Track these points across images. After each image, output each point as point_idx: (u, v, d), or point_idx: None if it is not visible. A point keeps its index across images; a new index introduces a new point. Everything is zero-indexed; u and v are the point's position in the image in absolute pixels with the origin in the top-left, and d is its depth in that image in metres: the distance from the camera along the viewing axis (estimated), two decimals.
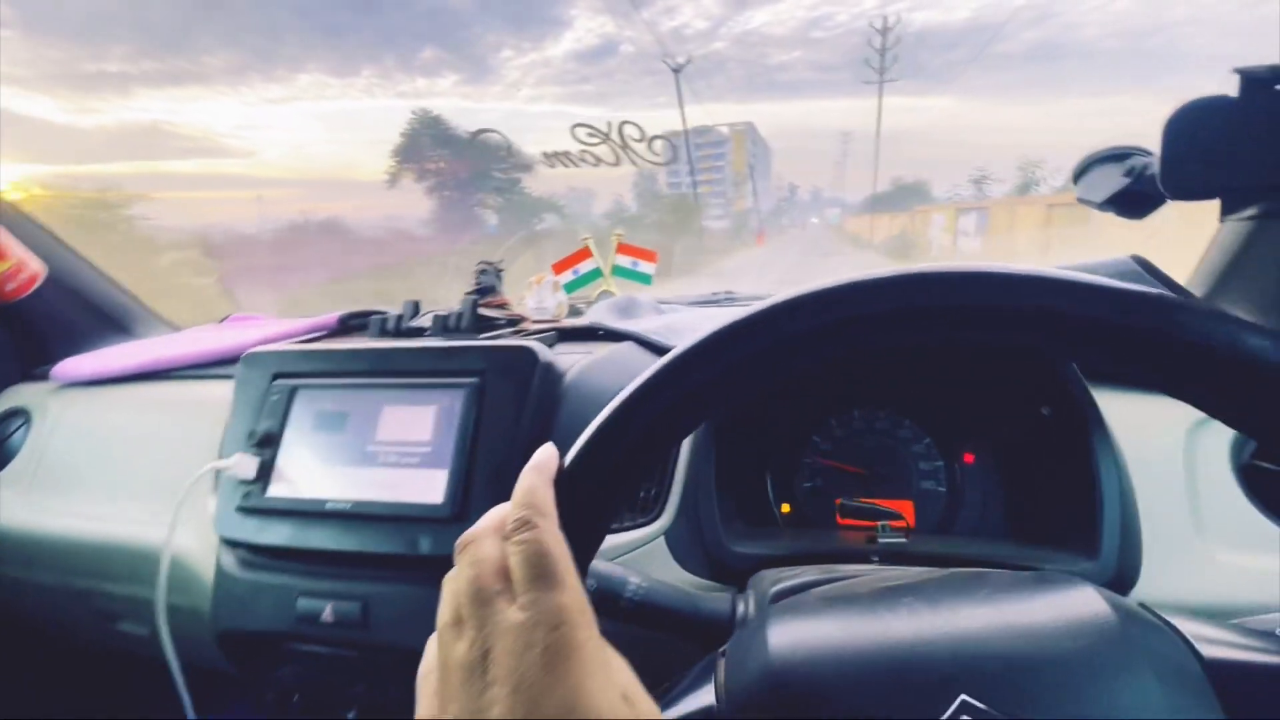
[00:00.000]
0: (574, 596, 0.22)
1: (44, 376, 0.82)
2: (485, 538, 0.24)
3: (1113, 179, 0.65)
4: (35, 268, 0.80)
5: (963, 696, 0.23)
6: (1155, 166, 0.60)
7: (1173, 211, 0.60)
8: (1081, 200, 0.70)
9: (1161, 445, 0.51)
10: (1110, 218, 0.68)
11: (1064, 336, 0.23)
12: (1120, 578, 0.46)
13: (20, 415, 0.79)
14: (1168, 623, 0.26)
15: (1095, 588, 0.27)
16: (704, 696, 0.28)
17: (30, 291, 0.79)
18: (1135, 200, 0.64)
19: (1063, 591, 0.27)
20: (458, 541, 0.25)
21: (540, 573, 0.22)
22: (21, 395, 0.81)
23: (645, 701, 0.23)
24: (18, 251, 0.78)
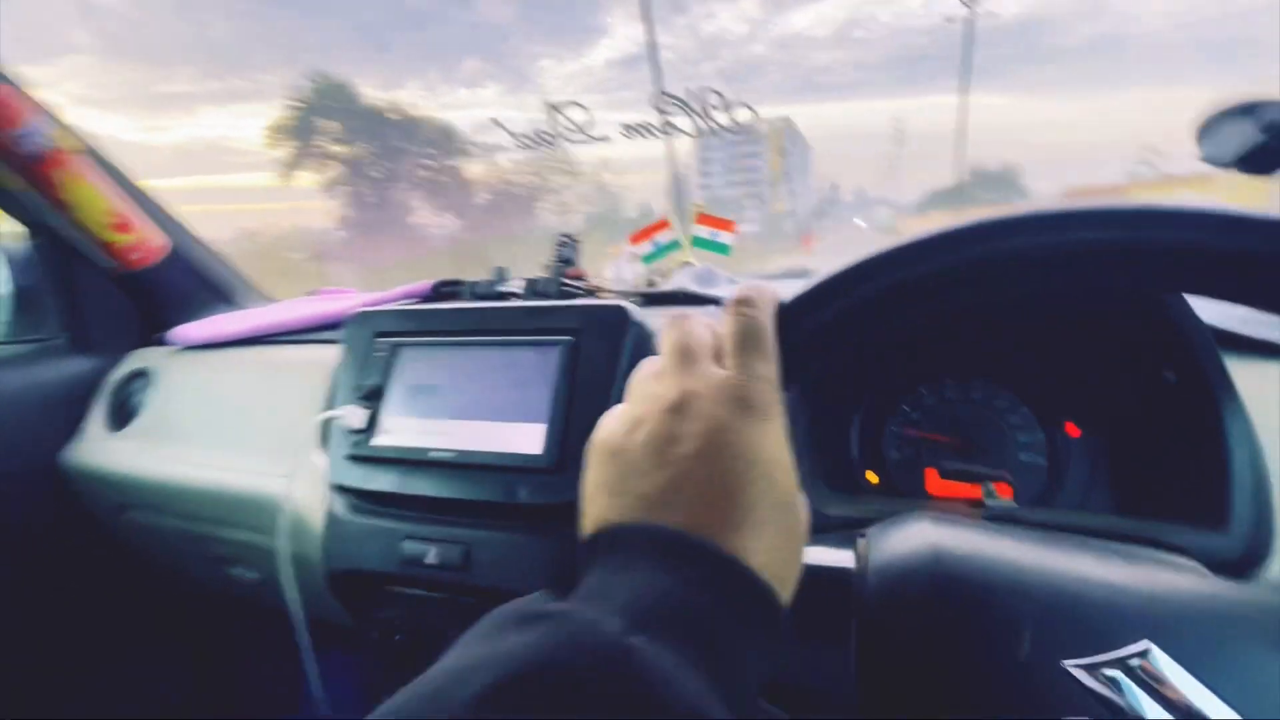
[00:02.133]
0: (776, 372, 0.24)
1: (162, 341, 0.89)
2: (696, 319, 0.27)
3: (1245, 134, 0.60)
4: (160, 241, 0.87)
5: (1148, 643, 0.22)
6: None
7: None
8: (1206, 159, 0.65)
9: None
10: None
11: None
12: (1252, 550, 0.43)
13: (144, 376, 0.86)
14: None
15: None
16: (839, 557, 0.28)
17: (154, 263, 0.86)
18: (1271, 157, 0.59)
19: (1260, 591, 0.25)
20: (668, 318, 0.27)
21: (754, 344, 0.24)
22: (145, 358, 0.88)
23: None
24: (144, 225, 0.85)
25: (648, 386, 0.25)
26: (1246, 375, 0.48)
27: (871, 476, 0.61)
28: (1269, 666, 0.21)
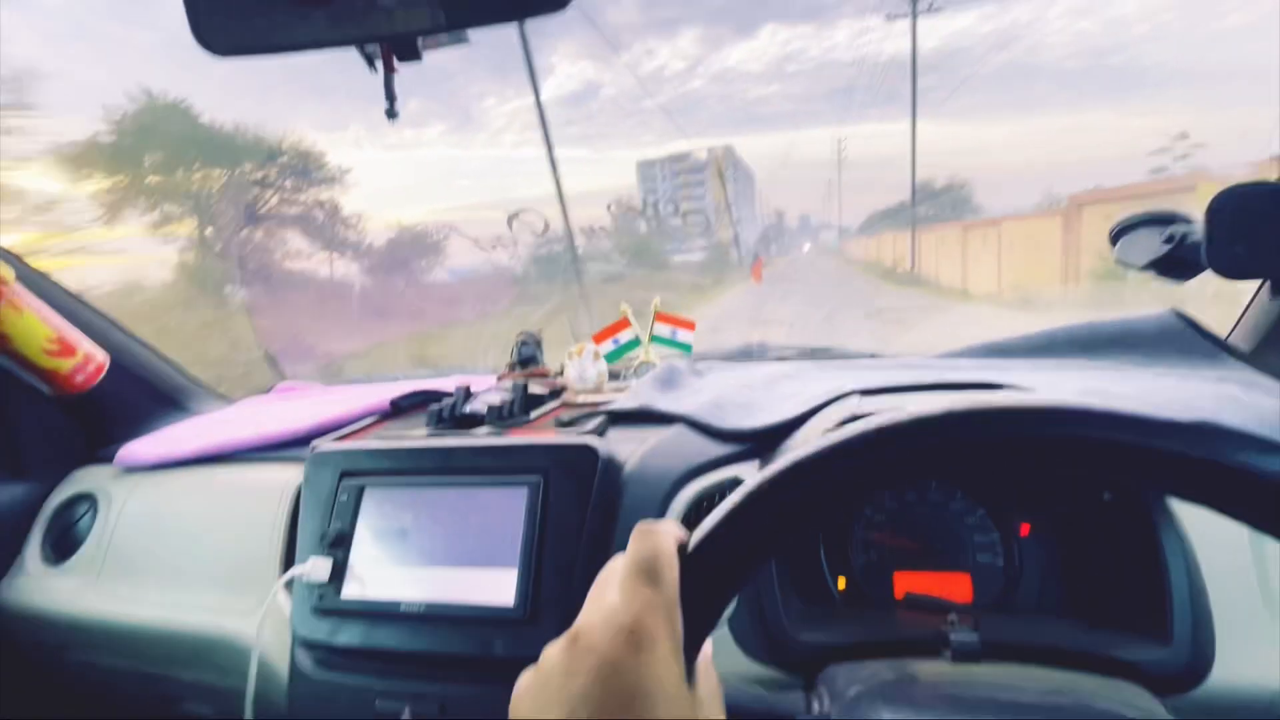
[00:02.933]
0: (666, 596, 0.25)
1: (108, 459, 0.85)
2: (659, 533, 0.28)
3: (1153, 244, 0.65)
4: (100, 359, 0.83)
5: None
6: (1196, 234, 0.60)
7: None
8: (1120, 262, 0.70)
9: (1228, 526, 0.50)
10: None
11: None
12: (1194, 664, 0.46)
13: (87, 500, 0.82)
14: None
15: None
16: None
17: (96, 382, 0.82)
18: (1176, 265, 0.65)
19: None
20: (636, 531, 0.28)
21: (645, 572, 0.25)
22: (88, 479, 0.84)
23: (715, 705, 0.26)
24: (84, 344, 0.82)
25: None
26: None
27: (840, 582, 0.62)
28: None
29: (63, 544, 0.80)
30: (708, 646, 0.28)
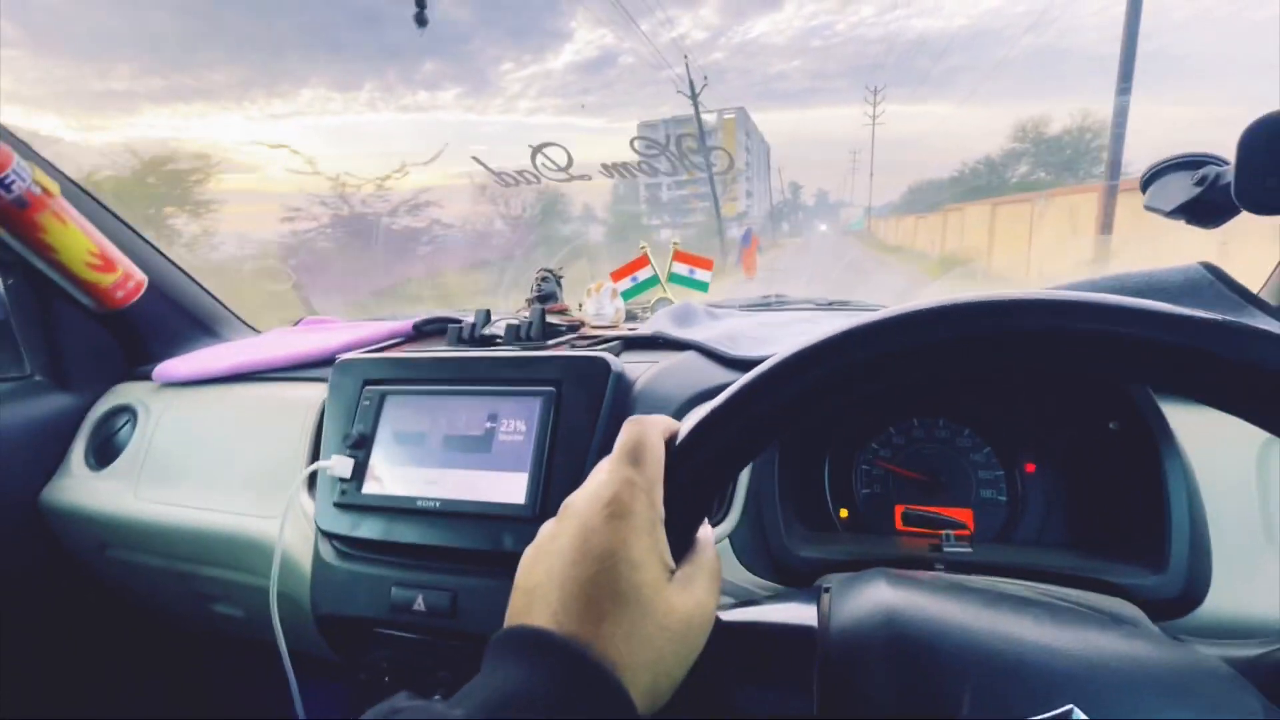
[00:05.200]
0: (647, 476, 0.27)
1: (145, 376, 0.89)
2: (648, 425, 0.30)
3: (1183, 188, 0.64)
4: (139, 277, 0.87)
5: (1071, 706, 0.24)
6: (1229, 176, 0.59)
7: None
8: (1149, 208, 0.69)
9: (1233, 458, 0.51)
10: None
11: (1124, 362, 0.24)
12: (1188, 591, 0.46)
13: (126, 412, 0.86)
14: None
15: (1220, 662, 0.27)
16: (804, 614, 0.30)
17: (136, 299, 0.86)
18: (1207, 210, 0.63)
19: (1186, 657, 0.27)
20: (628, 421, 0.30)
21: (631, 453, 0.28)
22: (127, 393, 0.88)
23: (701, 584, 0.28)
24: (124, 262, 0.85)
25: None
26: (1190, 420, 0.51)
27: (843, 513, 0.63)
28: None
29: (104, 451, 0.84)
30: (706, 532, 0.30)
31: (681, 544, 0.28)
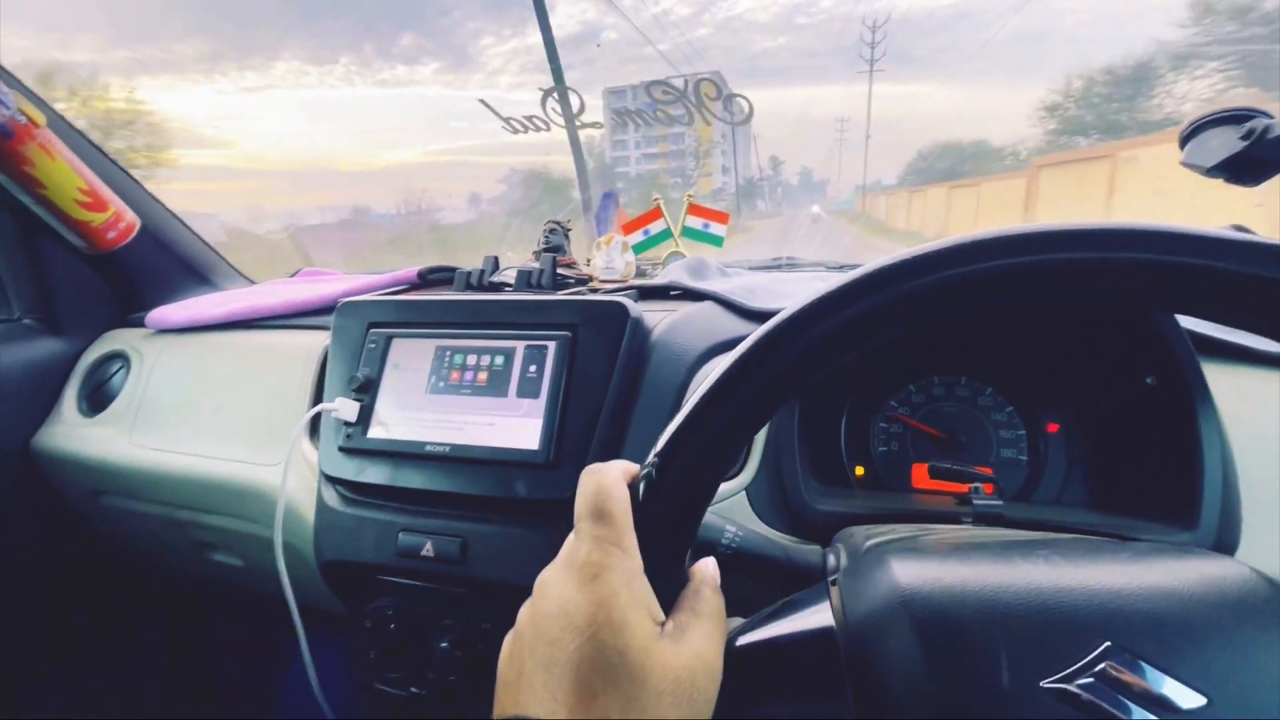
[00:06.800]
0: (615, 526, 0.25)
1: (139, 323, 0.86)
2: (607, 474, 0.28)
3: (1227, 142, 0.62)
4: (131, 218, 0.83)
5: (1108, 643, 0.23)
6: (1279, 129, 0.57)
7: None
8: (1187, 164, 0.67)
9: (1266, 418, 0.49)
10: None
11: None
12: (1218, 550, 0.45)
13: (120, 358, 0.84)
14: None
15: (1248, 566, 0.27)
16: (820, 617, 0.29)
17: (127, 241, 0.83)
18: (1250, 166, 0.61)
19: (1208, 560, 0.27)
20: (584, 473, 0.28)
21: (591, 509, 0.26)
22: (120, 339, 0.85)
23: (703, 628, 0.26)
24: (116, 202, 0.82)
25: None
26: (1221, 379, 0.50)
27: (859, 470, 0.62)
28: (1234, 649, 0.23)
29: (96, 397, 0.82)
30: (701, 565, 0.29)
31: (671, 586, 0.27)
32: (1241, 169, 0.61)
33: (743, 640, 0.29)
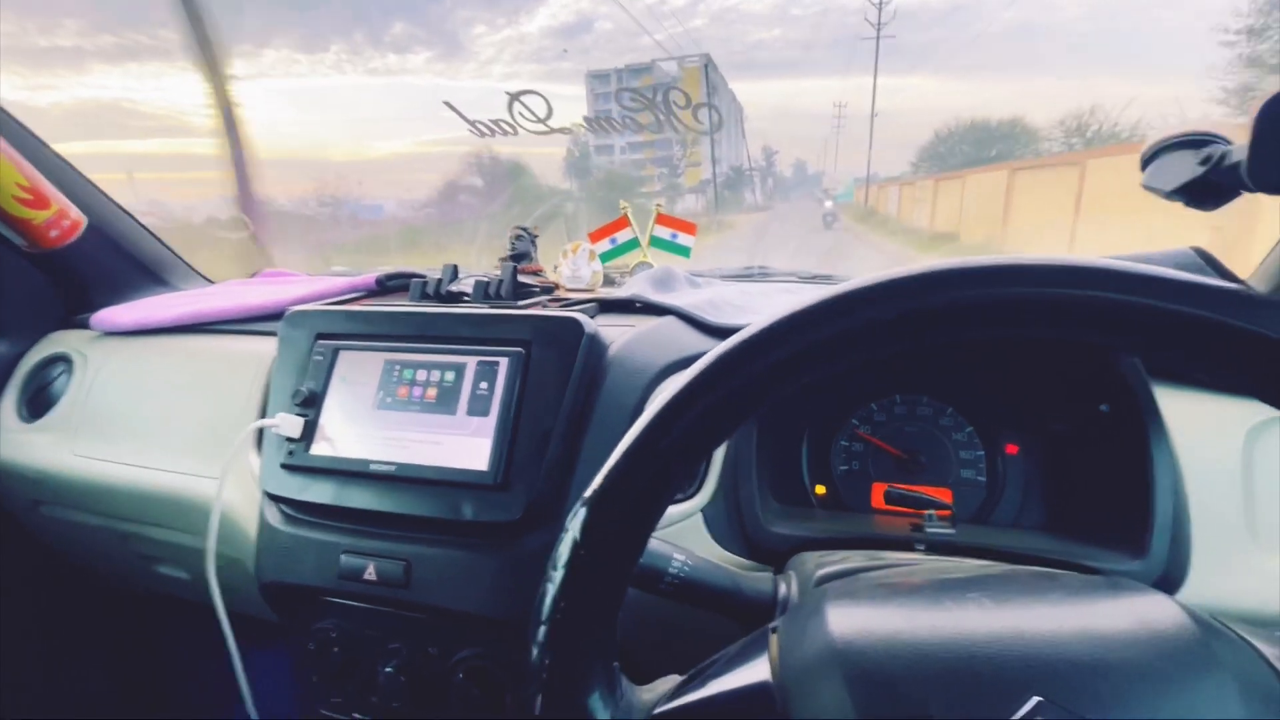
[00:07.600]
0: None
1: (84, 324, 0.83)
2: None
3: (1186, 167, 0.62)
4: (75, 216, 0.80)
5: (1037, 698, 0.23)
6: (1235, 156, 0.57)
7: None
8: (1148, 188, 0.67)
9: (1219, 446, 0.49)
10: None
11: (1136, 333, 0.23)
12: (1167, 578, 0.45)
13: (62, 361, 0.80)
14: (1247, 640, 0.26)
15: (1173, 599, 0.26)
16: (758, 670, 0.28)
17: (73, 239, 0.79)
18: (1208, 191, 0.61)
19: (1139, 598, 0.27)
20: None
21: None
22: (63, 341, 0.82)
23: None
24: (60, 199, 0.78)
25: None
26: (1176, 404, 0.50)
27: (819, 489, 0.62)
28: (1165, 695, 0.23)
29: (37, 402, 0.78)
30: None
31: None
32: (1199, 194, 0.62)
33: (675, 704, 0.28)
